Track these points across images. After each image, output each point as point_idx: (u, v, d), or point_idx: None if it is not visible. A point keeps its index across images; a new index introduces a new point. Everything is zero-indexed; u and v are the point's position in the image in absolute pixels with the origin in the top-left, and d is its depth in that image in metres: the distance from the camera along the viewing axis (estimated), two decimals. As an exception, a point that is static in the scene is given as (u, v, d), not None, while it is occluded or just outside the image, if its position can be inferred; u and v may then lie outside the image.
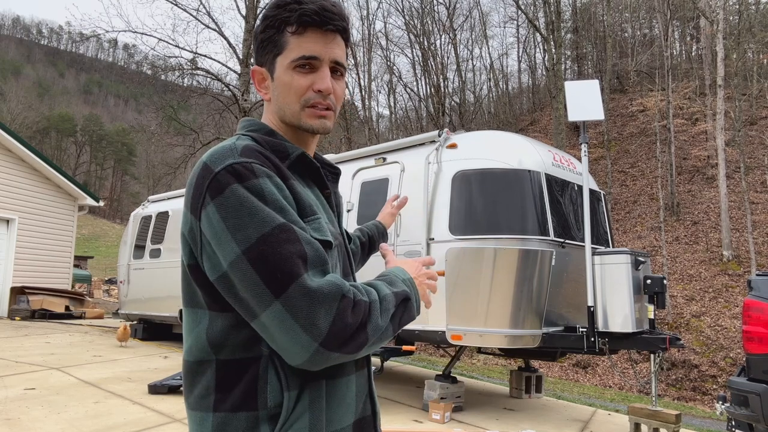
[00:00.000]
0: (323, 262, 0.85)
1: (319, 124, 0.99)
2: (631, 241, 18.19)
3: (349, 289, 0.84)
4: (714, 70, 19.63)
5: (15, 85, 69.09)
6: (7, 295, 12.23)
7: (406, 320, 0.95)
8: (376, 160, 5.97)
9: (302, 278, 0.80)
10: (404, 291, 0.95)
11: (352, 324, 0.82)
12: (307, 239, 0.85)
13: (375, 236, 1.58)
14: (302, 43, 0.95)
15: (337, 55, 0.98)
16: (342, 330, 0.80)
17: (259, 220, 0.82)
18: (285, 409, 0.86)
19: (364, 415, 0.99)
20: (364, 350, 0.86)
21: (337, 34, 0.99)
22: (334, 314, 0.80)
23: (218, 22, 31.81)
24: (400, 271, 1.00)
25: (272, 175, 0.87)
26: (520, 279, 4.74)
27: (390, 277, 0.97)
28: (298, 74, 0.96)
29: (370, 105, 33.11)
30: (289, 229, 0.83)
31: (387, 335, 0.90)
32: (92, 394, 4.98)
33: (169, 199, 9.60)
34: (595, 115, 4.78)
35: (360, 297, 0.85)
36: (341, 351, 0.82)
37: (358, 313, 0.83)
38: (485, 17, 34.43)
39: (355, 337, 0.82)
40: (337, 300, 0.81)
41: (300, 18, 0.94)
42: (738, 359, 11.71)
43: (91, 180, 70.67)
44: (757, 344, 3.80)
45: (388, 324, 0.89)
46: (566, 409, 5.65)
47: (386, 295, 0.90)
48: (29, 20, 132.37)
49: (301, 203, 0.91)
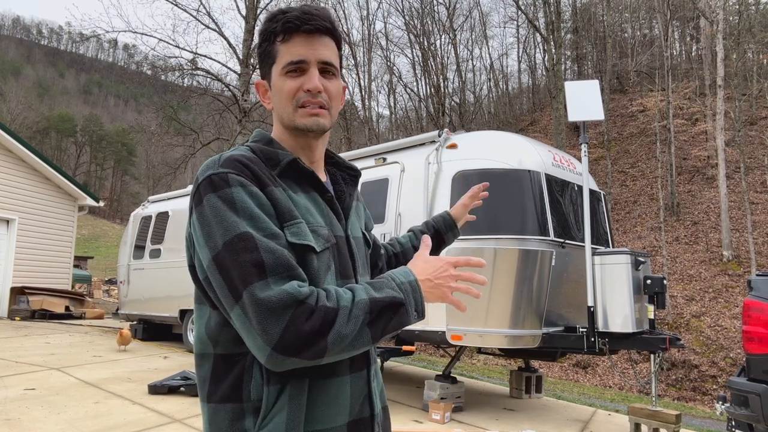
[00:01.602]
0: (286, 268, 0.87)
1: (312, 122, 1.02)
2: (631, 241, 18.19)
3: (310, 294, 0.85)
4: (714, 70, 19.63)
5: (15, 85, 69.09)
6: (7, 296, 12.23)
7: (396, 326, 0.92)
8: (376, 160, 5.96)
9: (252, 287, 0.84)
10: (391, 297, 0.90)
11: (307, 331, 0.83)
12: (268, 247, 0.87)
13: (442, 229, 1.53)
14: (289, 49, 1.00)
15: (324, 56, 1.02)
16: (295, 337, 0.82)
17: (225, 228, 0.88)
18: (265, 404, 0.90)
19: (361, 417, 0.99)
20: (329, 357, 0.86)
21: (325, 35, 1.03)
22: (286, 322, 0.82)
23: (218, 22, 31.83)
24: (403, 274, 0.96)
25: (246, 183, 0.92)
26: (520, 279, 4.74)
27: (382, 281, 0.94)
28: (289, 78, 1.01)
29: (370, 105, 33.12)
30: (247, 238, 0.87)
31: (360, 342, 0.88)
32: (92, 395, 4.98)
33: (169, 199, 9.59)
34: (595, 116, 4.78)
35: (323, 303, 0.85)
36: (299, 357, 0.84)
37: (316, 320, 0.83)
38: (485, 17, 34.48)
39: (313, 344, 0.83)
40: (291, 308, 0.83)
41: (284, 26, 1.00)
42: (738, 359, 11.71)
43: (91, 180, 70.69)
44: (757, 344, 3.80)
45: (358, 331, 0.86)
46: (566, 409, 5.65)
47: (360, 301, 0.88)
48: (29, 20, 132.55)
49: (279, 209, 0.94)
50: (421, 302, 0.95)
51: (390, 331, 0.91)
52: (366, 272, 1.12)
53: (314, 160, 1.09)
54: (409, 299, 0.93)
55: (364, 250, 1.13)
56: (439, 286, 0.97)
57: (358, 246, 1.10)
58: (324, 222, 1.01)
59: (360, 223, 1.17)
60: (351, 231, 1.09)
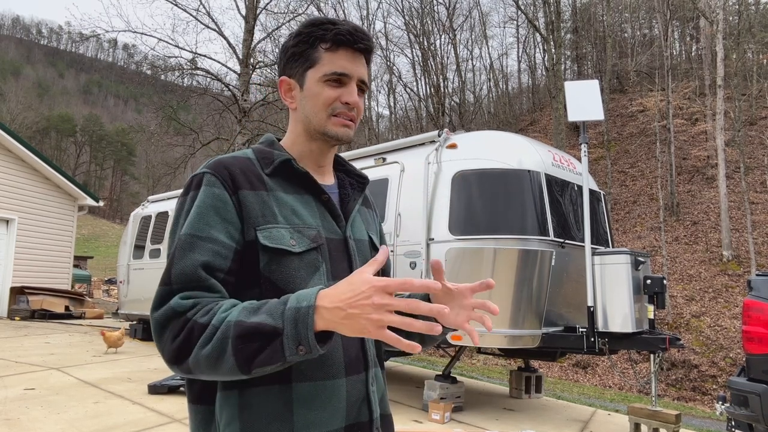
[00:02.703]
0: (188, 279, 0.88)
1: (343, 132, 1.05)
2: (631, 241, 18.19)
3: (191, 307, 0.86)
4: (714, 70, 19.64)
5: (15, 85, 69.11)
6: (6, 295, 12.23)
7: (269, 359, 0.79)
8: (375, 160, 5.96)
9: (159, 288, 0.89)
10: (261, 323, 0.79)
11: (174, 348, 0.84)
12: (183, 255, 0.90)
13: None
14: (335, 60, 1.03)
15: (363, 74, 1.06)
16: (166, 351, 0.85)
17: (174, 226, 0.96)
18: (217, 411, 0.93)
19: (358, 421, 0.98)
20: (200, 375, 0.85)
21: (363, 55, 1.07)
22: (165, 335, 0.86)
23: (218, 22, 31.88)
24: (301, 297, 0.82)
25: (214, 183, 0.96)
26: (520, 279, 4.74)
27: (269, 303, 0.83)
28: (329, 87, 1.03)
29: (370, 105, 33.12)
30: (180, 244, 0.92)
31: (224, 368, 0.81)
32: (92, 395, 4.98)
33: (168, 199, 9.59)
34: (595, 116, 4.78)
35: (196, 318, 0.84)
36: (178, 368, 0.85)
37: (183, 337, 0.84)
38: (485, 17, 34.50)
39: (179, 361, 0.84)
40: (171, 319, 0.86)
41: (335, 36, 1.02)
42: (738, 359, 11.71)
43: (91, 180, 70.69)
44: (757, 344, 3.80)
45: (217, 356, 0.80)
46: (566, 409, 5.65)
47: (227, 322, 0.81)
48: (29, 20, 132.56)
49: (249, 213, 0.96)
50: (306, 336, 0.78)
51: (264, 363, 0.80)
52: None
53: (323, 164, 1.11)
54: (287, 330, 0.78)
55: (368, 253, 1.11)
56: (354, 317, 0.76)
57: (360, 248, 1.09)
58: (314, 223, 1.01)
59: (367, 227, 1.16)
60: (353, 233, 1.08)
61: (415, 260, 5.09)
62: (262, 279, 0.94)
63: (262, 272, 0.94)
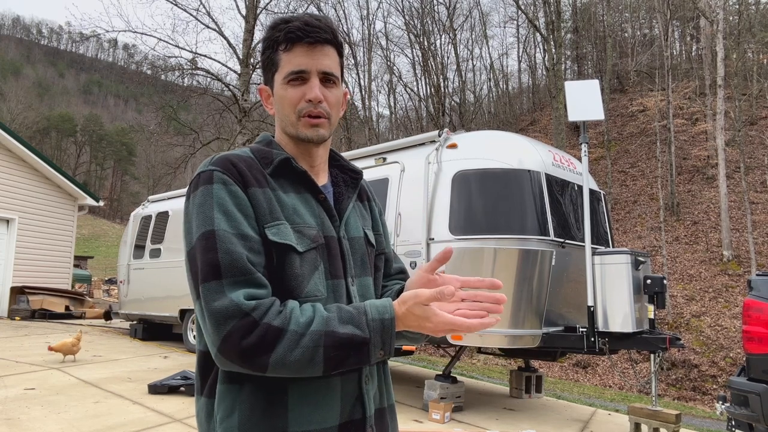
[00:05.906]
0: (241, 272, 0.89)
1: (312, 133, 1.05)
2: (631, 241, 18.19)
3: (255, 308, 0.86)
4: (714, 70, 19.63)
5: (15, 85, 69.09)
6: (7, 295, 12.23)
7: (354, 363, 0.89)
8: (376, 160, 5.96)
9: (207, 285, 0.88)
10: (351, 335, 0.87)
11: (247, 345, 0.85)
12: (228, 249, 0.89)
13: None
14: (291, 59, 1.03)
15: (325, 66, 1.04)
16: (234, 347, 0.85)
17: (198, 224, 0.92)
18: (217, 403, 0.94)
19: (352, 419, 0.99)
20: (273, 373, 0.87)
21: (326, 45, 1.04)
22: (228, 330, 0.85)
23: (218, 22, 31.86)
24: (380, 308, 0.91)
25: (228, 181, 0.95)
26: (520, 279, 4.74)
27: (351, 313, 0.90)
28: (291, 87, 1.03)
29: (370, 105, 33.15)
30: (209, 237, 0.90)
31: (309, 371, 0.87)
32: (92, 394, 4.98)
33: (169, 199, 9.58)
34: (595, 115, 4.77)
35: (268, 321, 0.86)
36: (241, 365, 0.86)
37: (254, 338, 0.85)
38: (485, 17, 34.48)
39: (254, 358, 0.85)
40: (233, 318, 0.85)
41: (286, 36, 1.02)
42: (738, 359, 11.71)
43: (91, 180, 70.67)
44: (757, 344, 3.80)
45: (308, 360, 0.86)
46: (566, 409, 5.65)
47: (314, 332, 0.86)
48: (29, 20, 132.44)
49: (259, 210, 0.96)
50: (389, 343, 0.90)
51: (347, 366, 0.89)
52: (365, 273, 1.10)
53: (314, 165, 1.10)
54: (374, 339, 0.89)
55: (364, 250, 1.11)
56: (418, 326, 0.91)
57: (353, 246, 1.09)
58: (314, 222, 1.02)
59: (363, 222, 1.16)
60: (347, 231, 1.08)
61: (416, 260, 5.09)
62: (272, 275, 0.95)
63: (275, 269, 0.96)
